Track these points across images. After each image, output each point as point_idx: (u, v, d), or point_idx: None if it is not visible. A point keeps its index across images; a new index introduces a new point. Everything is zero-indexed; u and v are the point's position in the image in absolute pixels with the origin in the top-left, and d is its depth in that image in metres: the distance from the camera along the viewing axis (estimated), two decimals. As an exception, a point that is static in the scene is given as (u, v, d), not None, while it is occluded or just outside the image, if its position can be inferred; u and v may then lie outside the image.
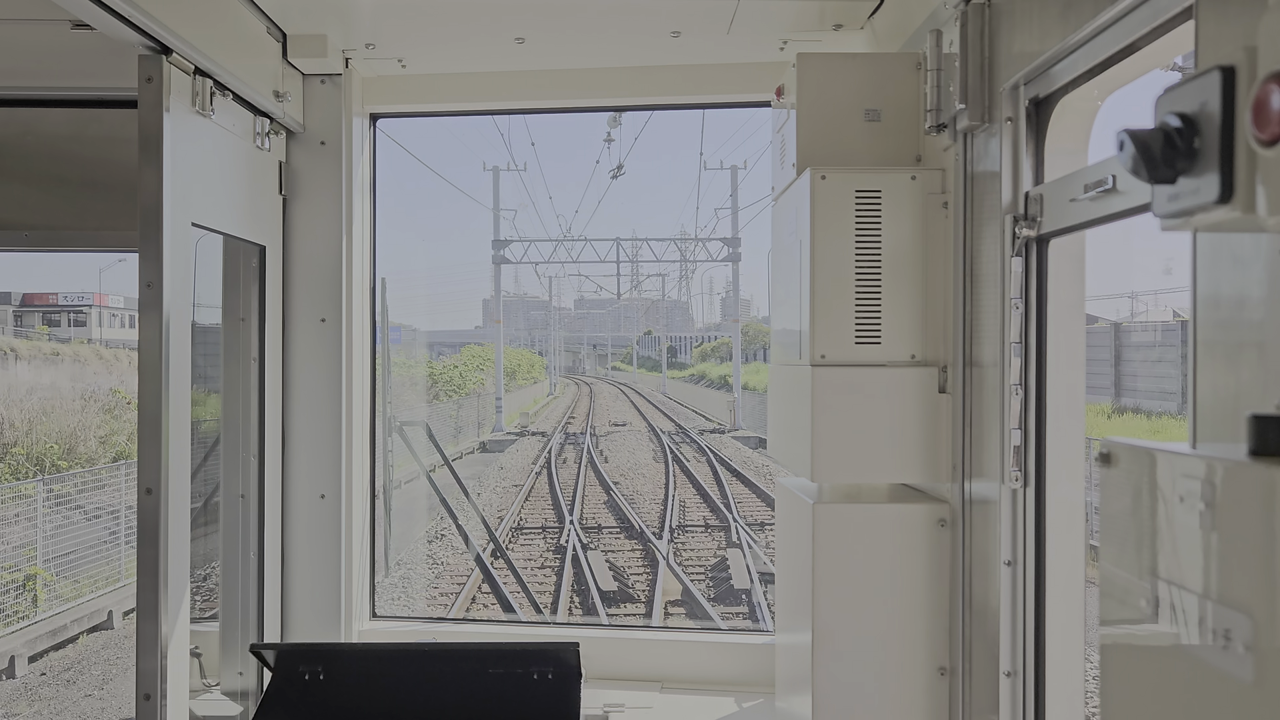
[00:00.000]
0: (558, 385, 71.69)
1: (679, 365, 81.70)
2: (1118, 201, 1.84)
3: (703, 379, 61.11)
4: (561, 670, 2.81)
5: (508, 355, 59.53)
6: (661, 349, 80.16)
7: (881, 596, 2.66)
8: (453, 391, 37.05)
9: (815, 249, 2.68)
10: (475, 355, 49.30)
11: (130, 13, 2.45)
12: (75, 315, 49.71)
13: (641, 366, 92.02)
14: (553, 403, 56.15)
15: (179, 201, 2.80)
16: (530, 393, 56.67)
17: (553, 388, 67.50)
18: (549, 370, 70.04)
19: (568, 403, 54.80)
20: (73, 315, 49.64)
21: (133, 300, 54.78)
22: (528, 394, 55.34)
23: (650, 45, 3.51)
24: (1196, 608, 1.14)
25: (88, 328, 48.77)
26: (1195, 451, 1.20)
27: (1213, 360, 1.46)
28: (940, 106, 2.60)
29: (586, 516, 18.33)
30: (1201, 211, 1.12)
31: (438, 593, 13.79)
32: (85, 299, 50.93)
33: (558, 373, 79.50)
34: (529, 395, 55.49)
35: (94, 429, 22.93)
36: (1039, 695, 2.25)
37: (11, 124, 3.83)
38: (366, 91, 3.78)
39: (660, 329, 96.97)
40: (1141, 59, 1.88)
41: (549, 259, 46.70)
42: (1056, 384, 2.24)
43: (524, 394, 53.60)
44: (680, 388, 62.99)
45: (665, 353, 74.74)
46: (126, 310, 54.01)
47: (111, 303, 52.76)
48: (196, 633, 3.09)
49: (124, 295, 54.79)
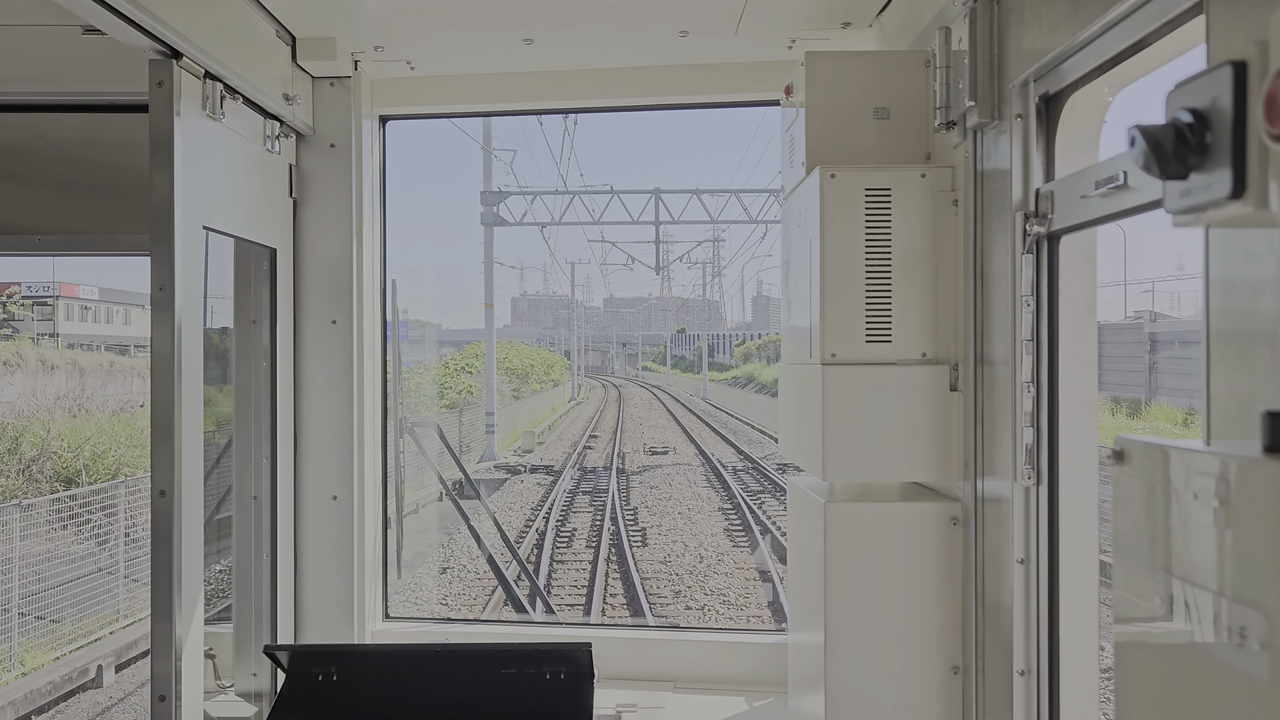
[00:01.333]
0: (581, 389, 61.76)
1: (718, 366, 70.31)
2: (1129, 198, 1.83)
3: (750, 382, 52.01)
4: (574, 670, 2.81)
5: (521, 354, 52.06)
6: (701, 347, 68.90)
7: (894, 595, 2.66)
8: (448, 397, 30.14)
9: (825, 247, 2.68)
10: (477, 354, 37.73)
11: (140, 17, 2.46)
12: (40, 308, 42.86)
13: (675, 367, 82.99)
14: (573, 411, 47.65)
15: (190, 205, 2.81)
16: (548, 399, 48.24)
17: (575, 391, 58.00)
18: (572, 371, 60.53)
19: (591, 412, 46.07)
20: (36, 307, 42.41)
21: (109, 291, 49.16)
22: (545, 400, 46.96)
23: (658, 45, 3.51)
24: (1211, 605, 1.14)
25: (54, 322, 43.30)
26: (1209, 449, 1.19)
27: (1226, 357, 1.45)
28: (950, 104, 2.60)
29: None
30: (1214, 207, 1.12)
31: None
32: (52, 289, 44.59)
33: (582, 374, 69.40)
34: (546, 402, 46.94)
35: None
36: (1053, 694, 2.24)
37: (24, 129, 3.85)
38: (375, 93, 3.79)
39: (693, 328, 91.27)
40: (1152, 54, 1.87)
41: (560, 218, 31.44)
42: (1068, 381, 2.23)
43: (540, 400, 45.53)
44: (724, 392, 53.42)
45: (705, 352, 64.48)
46: (101, 303, 48.90)
47: (83, 293, 47.40)
48: (210, 634, 3.10)
49: (98, 286, 49.05)
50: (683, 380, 71.05)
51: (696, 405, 48.31)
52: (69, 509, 15.14)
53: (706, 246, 47.02)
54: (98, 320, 48.94)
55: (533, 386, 47.07)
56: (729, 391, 52.10)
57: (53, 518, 14.97)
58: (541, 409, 43.39)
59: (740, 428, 35.79)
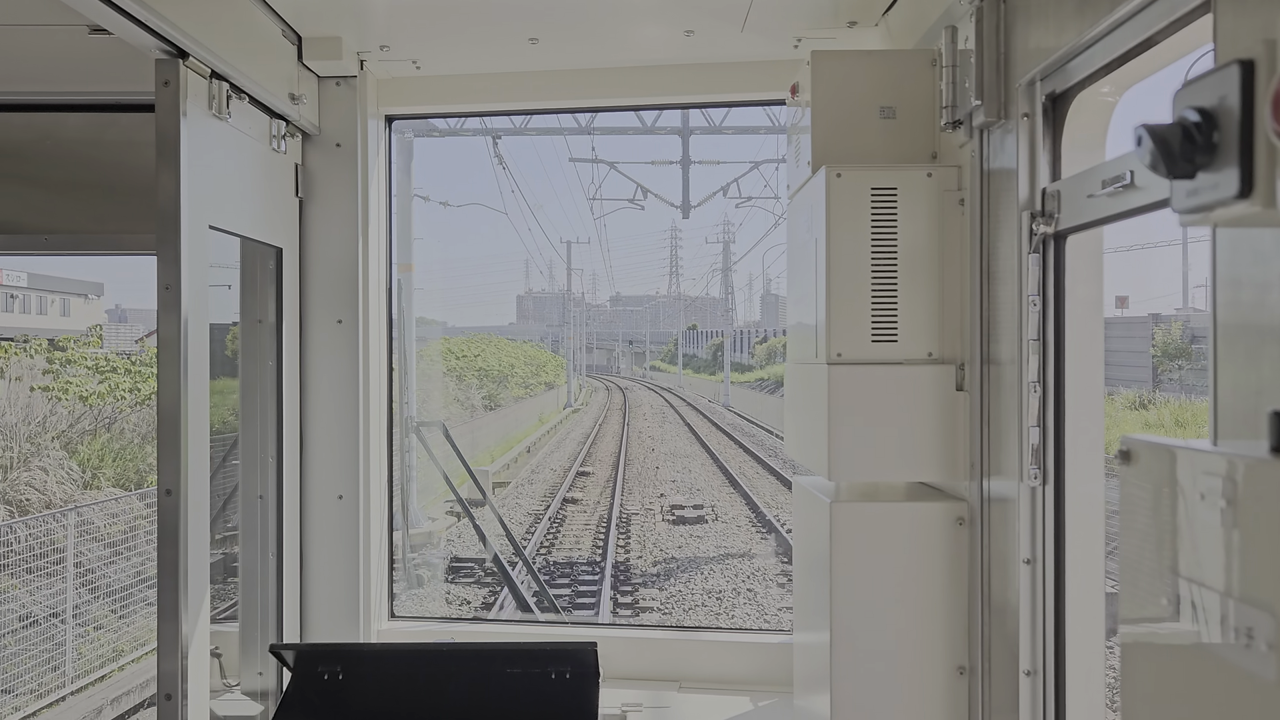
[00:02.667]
0: (579, 394, 51.03)
1: (738, 366, 59.10)
2: (1136, 197, 1.82)
3: (779, 386, 38.57)
4: (579, 670, 2.81)
5: (500, 351, 42.30)
6: (724, 345, 54.74)
7: (900, 595, 2.65)
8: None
9: (831, 247, 2.67)
10: (461, 348, 31.66)
11: (147, 17, 2.47)
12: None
13: (687, 367, 73.23)
14: (568, 421, 37.83)
15: (196, 204, 2.81)
16: (535, 407, 37.80)
17: (572, 398, 47.28)
18: (568, 372, 50.69)
19: (588, 426, 35.70)
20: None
21: (37, 277, 41.98)
22: (531, 409, 36.86)
23: (664, 44, 3.51)
24: (1218, 606, 1.13)
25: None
26: (1216, 449, 1.19)
27: (1234, 356, 1.45)
28: (956, 103, 2.59)
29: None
30: (1221, 207, 1.11)
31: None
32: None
33: (581, 373, 60.75)
34: (533, 410, 36.96)
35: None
36: (1059, 694, 2.24)
37: (30, 129, 3.87)
38: (381, 93, 3.79)
39: (703, 325, 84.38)
40: (1159, 53, 1.87)
41: (524, 125, 18.18)
42: (1075, 381, 2.22)
43: (525, 410, 35.83)
44: (749, 398, 44.17)
45: (725, 350, 51.95)
46: (31, 290, 42.23)
47: (8, 280, 40.87)
48: (216, 633, 3.11)
49: (26, 271, 41.33)
50: (697, 382, 62.37)
51: (720, 415, 39.16)
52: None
53: (722, 227, 44.46)
54: (27, 311, 42.83)
55: (514, 393, 37.49)
56: (755, 397, 42.84)
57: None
58: (526, 421, 34.42)
59: (778, 445, 25.99)
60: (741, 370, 58.99)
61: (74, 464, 16.18)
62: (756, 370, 56.66)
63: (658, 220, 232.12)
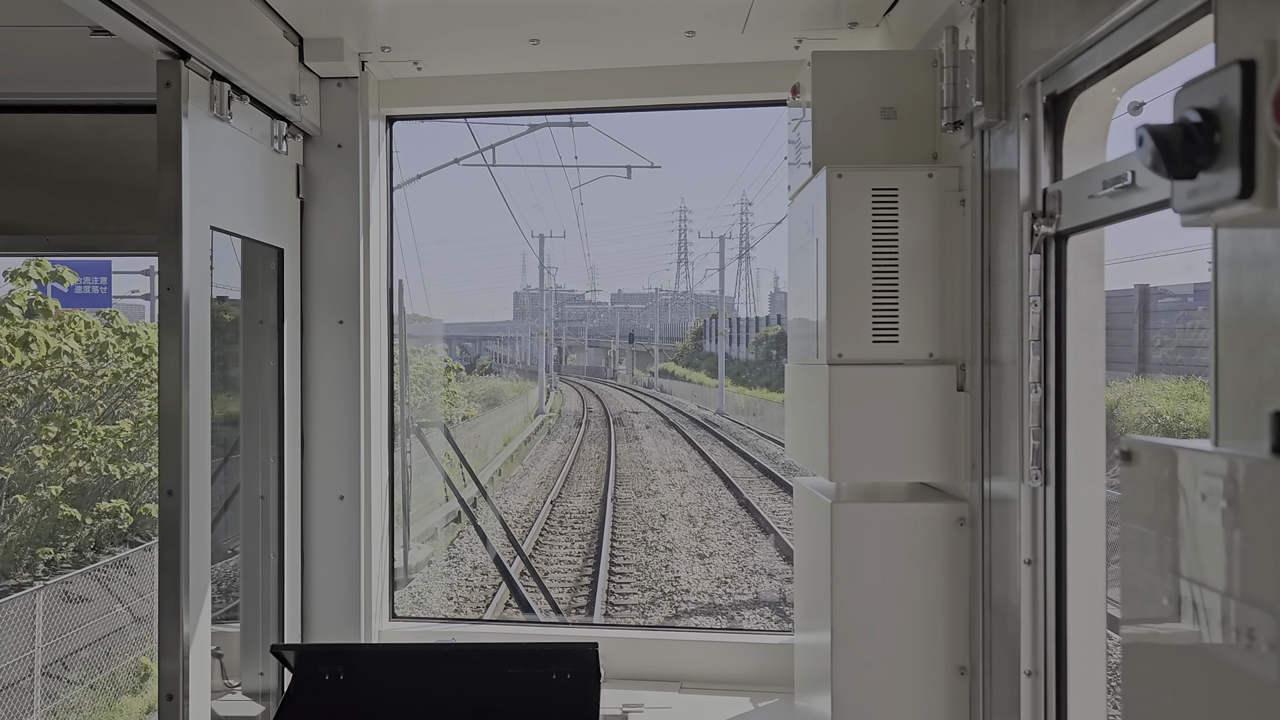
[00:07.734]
0: (545, 418, 34.20)
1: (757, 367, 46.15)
2: (1137, 198, 1.82)
3: None
4: (581, 670, 2.81)
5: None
6: (778, 330, 38.22)
7: (901, 596, 2.65)
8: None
9: (832, 247, 2.68)
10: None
11: (148, 18, 2.47)
12: None
13: (705, 369, 54.49)
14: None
15: (198, 205, 2.81)
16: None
17: (534, 424, 31.82)
18: (539, 387, 37.62)
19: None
20: None
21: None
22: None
23: (664, 45, 3.51)
24: (1219, 606, 1.14)
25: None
26: (1217, 449, 1.19)
27: (1235, 356, 1.45)
28: (957, 104, 2.59)
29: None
30: (1222, 207, 1.11)
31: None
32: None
33: (555, 381, 44.25)
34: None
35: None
36: (1060, 695, 2.24)
37: (32, 129, 3.87)
38: (382, 94, 3.80)
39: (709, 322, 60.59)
40: (1160, 54, 1.87)
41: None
42: (1076, 381, 2.22)
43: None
44: None
45: (772, 342, 37.49)
46: None
47: None
48: (218, 633, 3.11)
49: None
50: (734, 396, 40.46)
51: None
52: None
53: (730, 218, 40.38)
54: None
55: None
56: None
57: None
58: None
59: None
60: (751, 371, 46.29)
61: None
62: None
63: (660, 200, 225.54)
